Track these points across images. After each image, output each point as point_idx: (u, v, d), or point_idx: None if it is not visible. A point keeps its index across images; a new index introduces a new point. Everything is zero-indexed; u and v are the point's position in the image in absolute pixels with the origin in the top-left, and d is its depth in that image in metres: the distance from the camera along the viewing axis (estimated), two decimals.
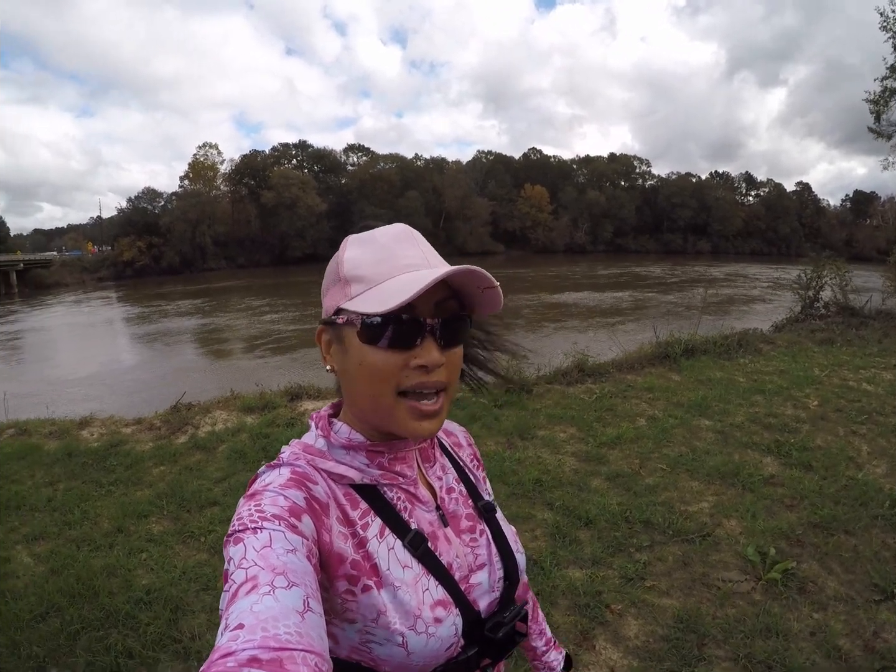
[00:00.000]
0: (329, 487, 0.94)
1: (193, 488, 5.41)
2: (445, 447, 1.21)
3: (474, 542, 1.07)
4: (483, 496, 1.17)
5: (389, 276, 0.93)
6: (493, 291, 0.95)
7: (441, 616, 0.93)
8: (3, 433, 7.32)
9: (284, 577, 0.74)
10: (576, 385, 8.31)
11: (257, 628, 0.66)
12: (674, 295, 36.96)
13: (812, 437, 6.17)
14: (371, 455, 1.00)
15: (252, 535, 0.79)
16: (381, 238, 0.99)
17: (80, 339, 30.24)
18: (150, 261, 78.92)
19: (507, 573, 1.08)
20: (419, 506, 1.03)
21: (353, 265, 0.97)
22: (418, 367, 0.92)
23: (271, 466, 0.95)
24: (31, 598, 3.89)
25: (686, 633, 3.29)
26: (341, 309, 0.95)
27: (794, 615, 3.43)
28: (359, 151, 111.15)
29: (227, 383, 11.72)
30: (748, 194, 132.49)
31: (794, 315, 14.04)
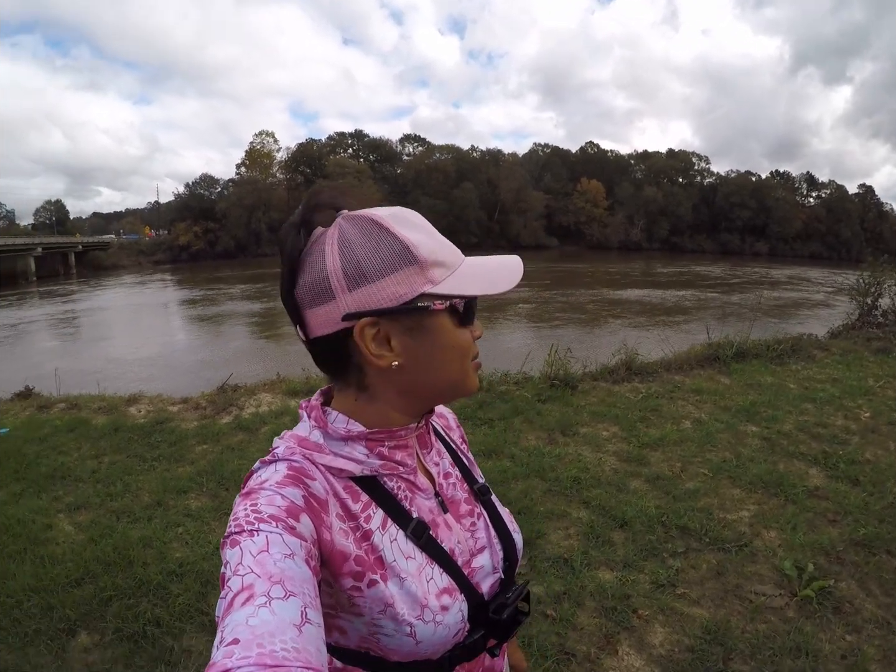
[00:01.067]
0: (328, 482, 0.92)
1: (233, 467, 5.48)
2: (438, 431, 1.20)
3: (473, 526, 1.09)
4: (477, 479, 1.18)
5: (459, 262, 0.96)
6: None
7: (447, 604, 0.94)
8: (55, 407, 7.57)
9: (281, 586, 0.72)
10: (622, 383, 8.21)
11: (252, 644, 0.65)
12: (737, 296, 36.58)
13: (861, 450, 5.98)
14: (371, 444, 0.97)
15: (249, 539, 0.77)
16: (413, 219, 0.96)
17: (135, 320, 31.00)
18: (205, 245, 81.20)
19: (507, 554, 1.10)
20: (419, 494, 1.02)
21: (430, 249, 0.92)
22: (476, 337, 1.00)
23: (266, 462, 0.92)
24: (68, 564, 4.01)
25: (713, 645, 3.22)
26: (428, 294, 0.90)
27: (826, 636, 3.34)
28: (414, 142, 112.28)
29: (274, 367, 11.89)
30: (809, 195, 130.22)
31: (850, 322, 13.71)
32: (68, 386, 8.92)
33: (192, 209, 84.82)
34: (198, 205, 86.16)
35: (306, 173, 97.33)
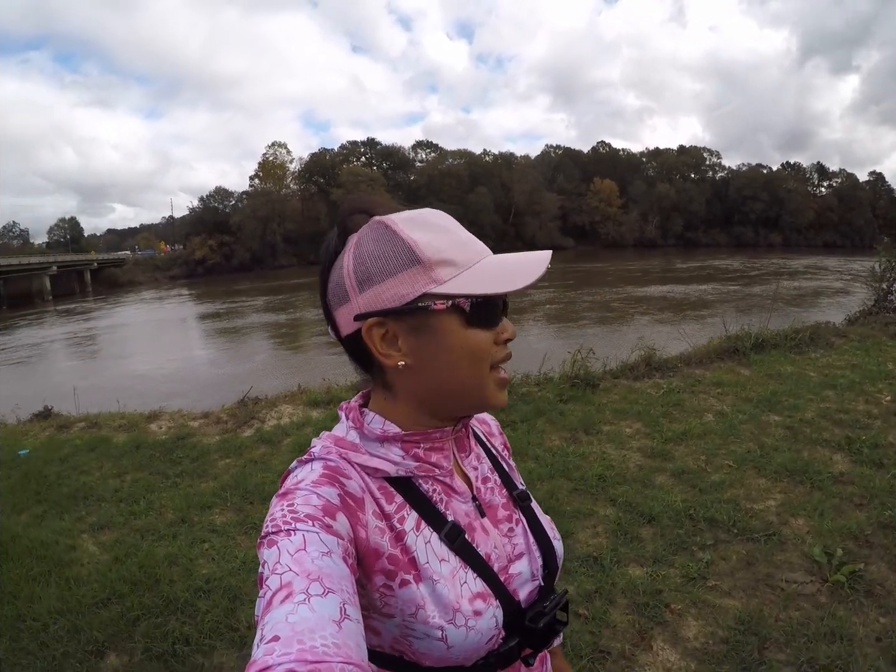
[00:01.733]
0: (363, 481, 0.92)
1: (257, 481, 5.49)
2: (479, 436, 1.19)
3: (511, 532, 1.06)
4: (517, 485, 1.16)
5: (477, 259, 0.93)
6: None
7: (480, 609, 0.92)
8: (74, 426, 7.61)
9: (319, 583, 0.72)
10: (643, 380, 8.21)
11: (293, 640, 0.64)
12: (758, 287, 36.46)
13: (884, 433, 5.94)
14: (406, 446, 0.98)
15: (286, 538, 0.78)
16: (433, 219, 0.95)
17: (153, 336, 31.17)
18: (221, 259, 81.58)
19: (546, 561, 1.07)
20: (455, 497, 1.01)
21: (435, 248, 0.91)
22: (505, 341, 0.96)
23: (302, 462, 0.93)
24: (94, 584, 4.01)
25: (747, 635, 3.20)
26: (430, 294, 0.90)
27: (860, 619, 3.31)
28: (427, 148, 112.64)
29: (294, 378, 11.91)
30: (820, 185, 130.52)
31: (867, 308, 13.66)
32: (88, 404, 8.95)
33: (207, 223, 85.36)
34: (212, 218, 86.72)
35: (320, 183, 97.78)
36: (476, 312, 0.91)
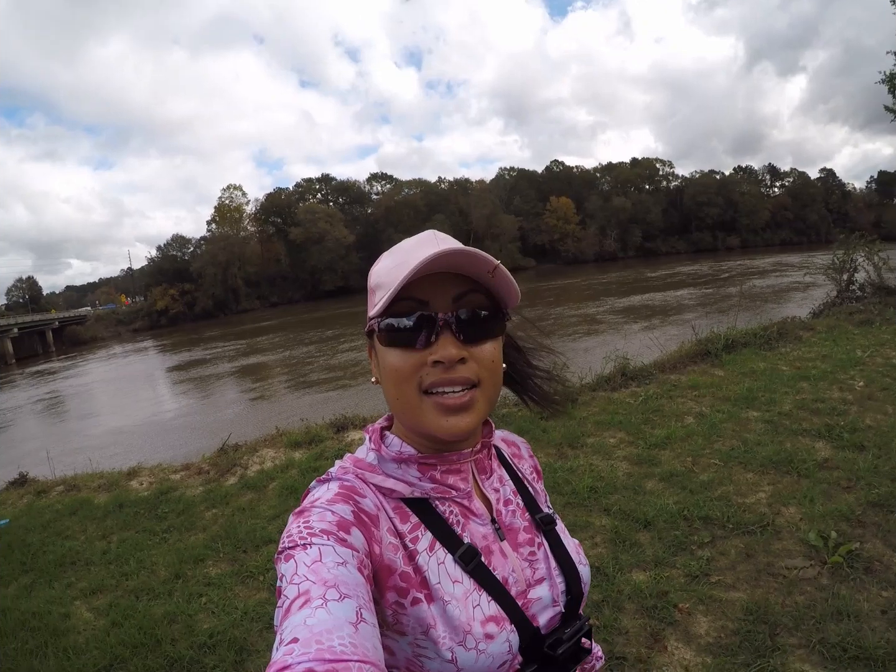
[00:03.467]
0: (378, 500, 0.95)
1: (247, 528, 5.41)
2: (505, 458, 1.19)
3: (532, 556, 1.06)
4: (542, 508, 1.15)
5: (401, 277, 0.90)
6: (500, 274, 0.93)
7: (493, 632, 0.91)
8: (53, 490, 7.48)
9: (336, 589, 0.74)
10: (620, 390, 8.29)
11: (312, 641, 0.66)
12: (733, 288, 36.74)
13: (861, 417, 6.09)
14: (423, 468, 1.00)
15: (302, 551, 0.80)
16: (404, 244, 1.01)
17: (121, 392, 30.62)
18: (183, 307, 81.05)
19: (569, 586, 1.05)
20: (473, 519, 1.02)
21: (378, 275, 1.00)
22: (435, 363, 0.91)
23: (321, 481, 0.96)
24: (93, 651, 3.89)
25: (757, 624, 3.23)
26: (371, 317, 0.97)
27: (863, 595, 3.37)
28: (382, 180, 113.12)
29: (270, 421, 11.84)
30: (773, 186, 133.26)
31: (830, 299, 13.92)
32: (63, 467, 8.82)
33: (167, 272, 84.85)
34: (171, 267, 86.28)
35: (277, 223, 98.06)
36: (384, 331, 0.94)
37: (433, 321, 0.91)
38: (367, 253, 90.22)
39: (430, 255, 0.86)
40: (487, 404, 0.96)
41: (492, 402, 0.98)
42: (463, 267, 0.92)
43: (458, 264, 0.92)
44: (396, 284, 0.87)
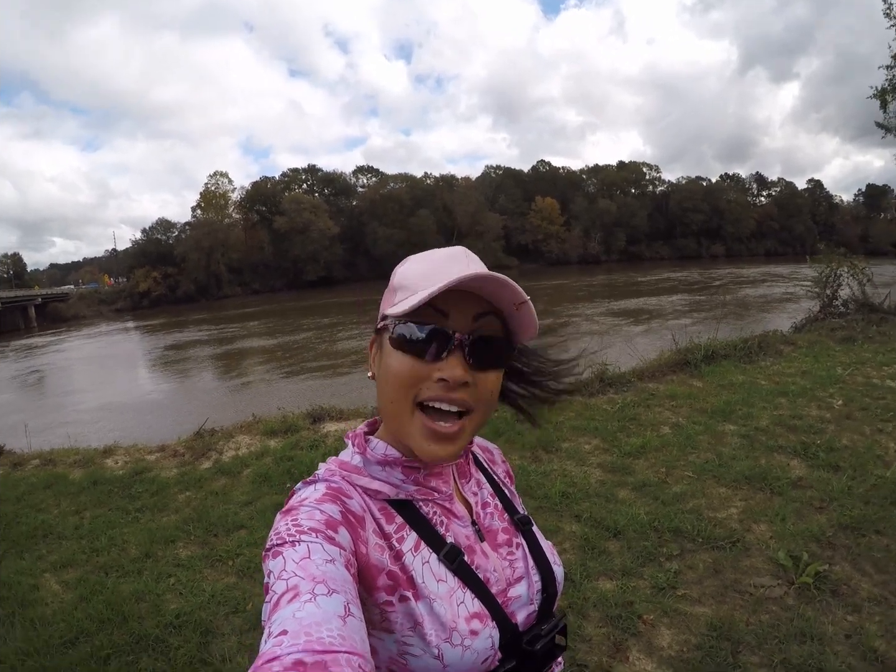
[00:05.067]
0: (364, 502, 0.97)
1: (220, 513, 5.42)
2: (480, 462, 1.22)
3: (511, 556, 1.08)
4: (518, 510, 1.18)
5: (429, 285, 0.92)
6: (526, 310, 0.95)
7: (477, 629, 0.93)
8: (29, 463, 7.43)
9: (325, 584, 0.75)
10: (598, 396, 8.27)
11: (301, 633, 0.67)
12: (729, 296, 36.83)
13: (838, 437, 6.11)
14: (406, 471, 1.02)
15: (290, 548, 0.81)
16: (435, 255, 1.04)
17: (100, 370, 30.53)
18: (165, 290, 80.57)
19: (545, 585, 1.08)
20: (455, 521, 1.04)
21: (403, 276, 1.02)
22: (440, 380, 0.92)
23: (307, 483, 0.97)
24: (60, 624, 3.91)
25: (720, 640, 3.26)
26: (384, 315, 0.99)
27: (828, 618, 3.40)
28: (368, 173, 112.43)
29: (248, 408, 11.77)
30: (760, 195, 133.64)
31: (813, 314, 13.96)
32: (40, 441, 8.78)
33: (150, 255, 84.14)
34: (155, 250, 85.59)
35: (262, 211, 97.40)
36: (397, 333, 0.95)
37: (448, 338, 0.92)
38: (350, 245, 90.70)
39: (469, 273, 0.87)
40: (473, 433, 0.98)
41: (476, 431, 1.00)
42: (491, 292, 0.94)
43: (489, 289, 0.93)
44: (428, 293, 0.87)
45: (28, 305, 69.48)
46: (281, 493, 5.66)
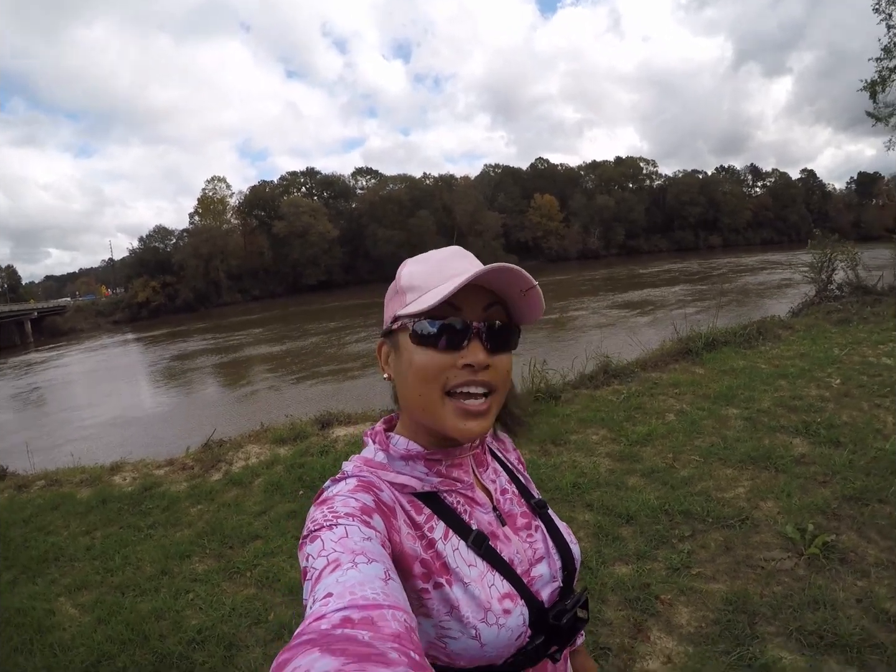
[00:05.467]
0: (394, 495, 1.00)
1: (233, 524, 5.40)
2: (494, 451, 1.26)
3: (531, 538, 1.13)
4: (534, 494, 1.23)
5: (438, 284, 0.99)
6: (534, 294, 1.02)
7: (509, 608, 0.98)
8: (34, 485, 7.35)
9: (364, 555, 0.79)
10: (603, 387, 8.33)
11: (346, 593, 0.71)
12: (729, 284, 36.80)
13: (838, 414, 6.20)
14: (429, 463, 1.06)
15: (328, 531, 0.84)
16: (435, 256, 1.09)
17: (102, 385, 30.15)
18: (164, 300, 79.65)
19: (565, 563, 1.13)
20: (477, 508, 1.09)
21: (409, 278, 1.06)
22: (465, 366, 0.97)
23: (336, 480, 1.00)
24: (80, 648, 3.86)
25: (736, 614, 3.31)
26: (397, 316, 1.03)
27: (838, 585, 3.47)
28: (367, 174, 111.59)
29: (256, 416, 11.75)
30: (755, 186, 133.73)
31: (809, 299, 14.04)
32: (44, 461, 8.73)
33: (148, 264, 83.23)
34: (153, 259, 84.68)
35: (261, 216, 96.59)
36: (418, 331, 0.99)
37: (467, 327, 0.98)
38: (350, 247, 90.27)
39: (486, 268, 0.94)
40: (497, 410, 1.04)
41: (499, 409, 1.05)
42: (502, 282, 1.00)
43: (500, 279, 0.99)
44: (449, 290, 0.92)
45: (24, 320, 68.59)
46: (293, 501, 5.67)
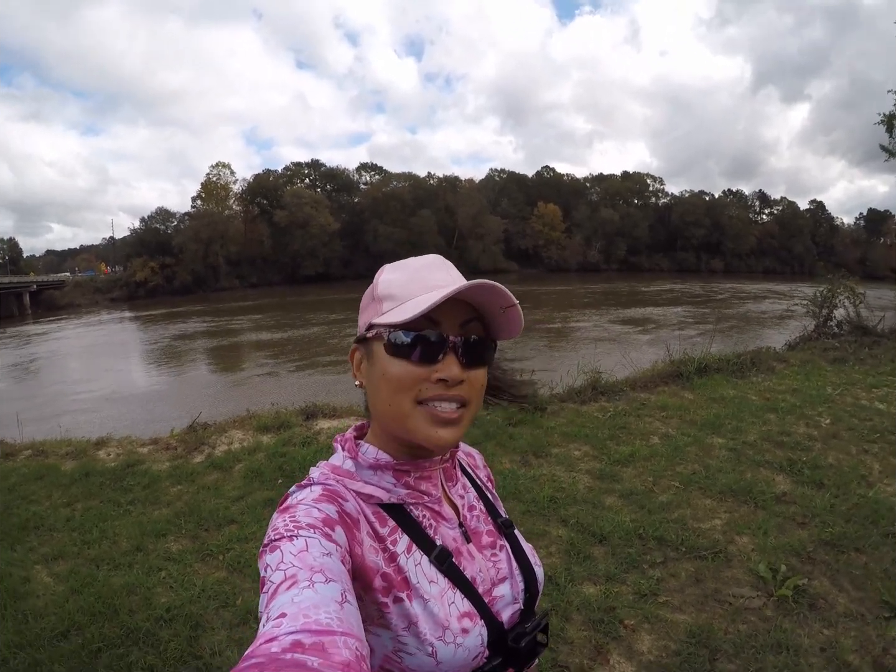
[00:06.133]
0: (358, 505, 1.00)
1: (211, 507, 5.43)
2: (464, 467, 1.26)
3: (495, 557, 1.12)
4: (501, 513, 1.23)
5: (417, 294, 0.99)
6: (513, 312, 1.01)
7: (468, 627, 0.98)
8: (20, 454, 7.36)
9: (322, 573, 0.79)
10: (590, 403, 8.29)
11: (299, 615, 0.71)
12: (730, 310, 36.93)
13: (824, 455, 6.17)
14: (397, 474, 1.06)
15: (288, 542, 0.84)
16: (413, 264, 1.08)
17: (94, 360, 30.27)
18: (162, 281, 79.35)
19: (528, 585, 1.13)
20: (443, 523, 1.08)
21: (386, 286, 1.04)
22: (439, 380, 0.97)
23: (301, 486, 1.00)
24: (51, 617, 3.90)
25: (698, 647, 3.31)
26: (372, 324, 1.02)
27: (804, 631, 3.45)
28: (371, 170, 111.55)
29: (242, 403, 11.77)
30: (762, 213, 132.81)
31: (807, 333, 13.98)
32: (32, 431, 8.70)
33: (149, 244, 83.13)
34: (154, 240, 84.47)
35: (263, 205, 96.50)
36: (393, 341, 0.98)
37: (444, 341, 0.98)
38: (350, 241, 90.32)
39: (468, 284, 0.93)
40: (469, 422, 1.03)
41: (471, 421, 1.05)
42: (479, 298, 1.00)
43: (481, 295, 0.99)
44: (429, 304, 0.92)
45: (23, 292, 68.79)
46: (272, 490, 5.67)
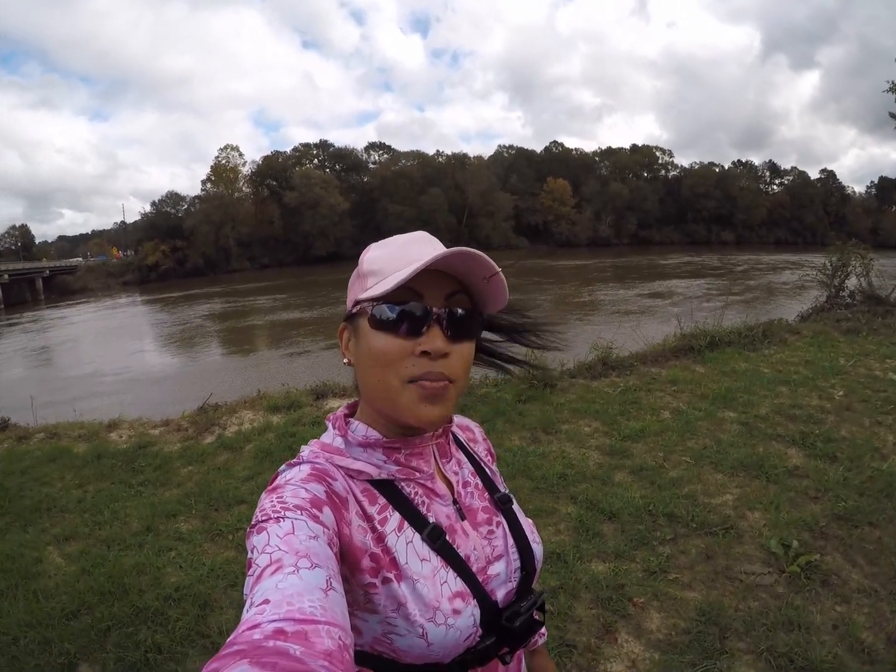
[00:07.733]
0: (347, 484, 0.98)
1: (221, 487, 5.47)
2: (461, 442, 1.24)
3: (491, 534, 1.10)
4: (499, 488, 1.20)
5: (400, 269, 0.96)
6: (497, 281, 0.99)
7: (459, 608, 0.96)
8: (33, 437, 7.46)
9: (307, 559, 0.77)
10: (600, 379, 8.28)
11: (283, 602, 0.69)
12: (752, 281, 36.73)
13: (837, 428, 6.11)
14: (388, 451, 1.04)
15: (275, 524, 0.82)
16: (398, 240, 1.06)
17: (108, 344, 30.46)
18: (174, 264, 79.80)
19: (524, 563, 1.10)
20: (436, 500, 1.06)
21: (371, 262, 1.04)
22: (422, 353, 0.95)
23: (291, 465, 0.99)
24: (62, 596, 3.96)
25: (708, 625, 3.29)
26: (358, 300, 1.01)
27: (816, 608, 3.42)
28: (380, 149, 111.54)
29: (253, 383, 11.79)
30: (772, 183, 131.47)
31: (819, 304, 13.84)
32: (46, 414, 8.78)
33: (160, 228, 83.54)
34: (165, 223, 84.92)
35: (272, 186, 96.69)
36: (377, 315, 0.97)
37: (427, 313, 0.96)
38: (360, 221, 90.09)
39: (446, 252, 0.91)
40: (456, 398, 1.01)
41: (459, 399, 1.02)
42: (462, 268, 0.97)
43: (462, 265, 0.96)
44: (407, 272, 0.90)
45: (35, 278, 69.09)
46: None
